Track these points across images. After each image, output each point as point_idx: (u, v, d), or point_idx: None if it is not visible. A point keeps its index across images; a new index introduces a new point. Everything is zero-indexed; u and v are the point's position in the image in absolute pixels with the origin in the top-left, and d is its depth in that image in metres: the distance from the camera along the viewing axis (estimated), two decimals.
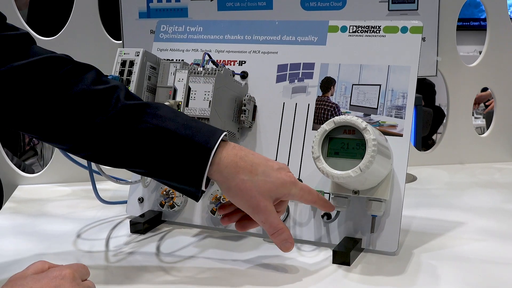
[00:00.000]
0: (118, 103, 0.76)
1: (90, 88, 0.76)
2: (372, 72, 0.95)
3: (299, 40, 1.01)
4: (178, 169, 0.76)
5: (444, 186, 1.33)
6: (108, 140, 0.76)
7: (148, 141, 0.76)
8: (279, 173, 0.79)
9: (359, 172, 0.78)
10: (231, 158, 0.77)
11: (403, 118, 0.91)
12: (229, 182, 0.77)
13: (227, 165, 0.76)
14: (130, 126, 0.76)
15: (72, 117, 0.76)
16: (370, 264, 0.84)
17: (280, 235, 0.79)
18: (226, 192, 0.79)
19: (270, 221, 0.78)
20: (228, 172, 0.76)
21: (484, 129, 4.01)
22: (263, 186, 0.77)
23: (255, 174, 0.77)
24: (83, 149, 0.79)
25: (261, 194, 0.77)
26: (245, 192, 0.77)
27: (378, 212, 0.85)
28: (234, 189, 0.77)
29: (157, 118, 0.76)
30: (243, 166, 0.77)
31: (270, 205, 0.78)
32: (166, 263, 0.87)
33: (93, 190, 1.00)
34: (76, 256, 0.91)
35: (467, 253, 0.88)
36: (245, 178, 0.77)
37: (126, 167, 0.80)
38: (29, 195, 1.32)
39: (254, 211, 0.78)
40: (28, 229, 1.06)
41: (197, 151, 0.76)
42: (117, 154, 0.77)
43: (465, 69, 1.47)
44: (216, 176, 0.77)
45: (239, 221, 0.84)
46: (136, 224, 1.00)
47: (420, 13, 1.34)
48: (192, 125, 0.78)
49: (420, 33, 0.93)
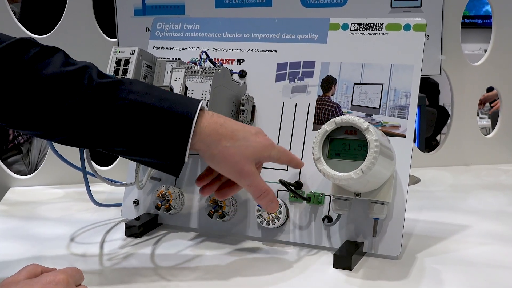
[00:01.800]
0: (92, 82, 0.76)
1: (61, 70, 0.76)
2: (374, 71, 0.95)
3: (299, 38, 1.01)
4: (159, 143, 0.77)
5: (448, 188, 1.33)
6: (84, 120, 0.76)
7: (126, 118, 0.76)
8: (258, 137, 0.83)
9: (361, 174, 0.78)
10: (212, 126, 0.79)
11: (406, 118, 0.91)
12: (212, 150, 0.79)
13: (209, 134, 0.78)
14: (106, 104, 0.76)
15: (45, 101, 0.75)
16: (372, 268, 0.84)
17: (266, 197, 0.83)
18: (209, 160, 0.80)
19: (256, 184, 0.82)
20: (210, 140, 0.78)
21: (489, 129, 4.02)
22: (246, 151, 0.80)
23: (237, 139, 0.80)
24: (59, 133, 0.78)
25: (244, 158, 0.80)
26: (229, 158, 0.79)
27: (380, 215, 0.86)
28: (218, 156, 0.79)
29: (133, 94, 0.77)
30: (224, 133, 0.79)
31: (254, 168, 0.81)
32: (162, 267, 0.87)
33: (87, 192, 1.00)
34: (70, 260, 0.91)
35: (472, 257, 0.88)
36: (228, 144, 0.79)
37: (105, 147, 0.80)
38: (21, 197, 1.32)
39: (240, 176, 0.81)
40: (21, 233, 1.06)
41: (177, 122, 0.77)
42: (95, 134, 0.77)
43: (470, 68, 1.47)
44: (199, 146, 0.78)
45: (218, 190, 0.87)
46: (131, 227, 1.00)
47: (424, 10, 1.34)
48: (169, 97, 0.79)
49: (424, 30, 0.94)
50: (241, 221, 0.98)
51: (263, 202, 0.84)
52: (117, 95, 0.76)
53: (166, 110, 0.77)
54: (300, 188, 0.95)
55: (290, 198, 0.95)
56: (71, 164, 1.05)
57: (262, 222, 0.94)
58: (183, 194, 1.02)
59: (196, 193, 1.02)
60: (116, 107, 0.76)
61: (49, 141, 1.04)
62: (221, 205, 0.96)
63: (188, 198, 1.02)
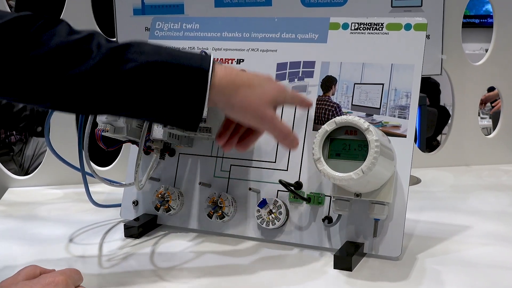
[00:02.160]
0: (100, 48, 0.76)
1: (68, 39, 0.75)
2: (374, 70, 0.95)
3: (299, 37, 1.01)
4: (177, 100, 0.77)
5: (449, 188, 1.33)
6: (98, 87, 0.75)
7: (141, 79, 0.76)
8: (271, 82, 0.86)
9: (361, 174, 0.78)
10: (228, 77, 0.80)
11: (406, 118, 0.91)
12: (232, 100, 0.80)
13: (226, 85, 0.79)
14: (119, 68, 0.75)
15: (54, 71, 0.75)
16: (372, 269, 0.84)
17: (289, 137, 0.85)
18: (229, 110, 0.82)
19: (278, 126, 0.84)
20: (229, 91, 0.80)
21: (490, 129, 4.02)
22: (264, 96, 0.82)
23: (253, 87, 0.82)
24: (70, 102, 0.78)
25: (263, 104, 0.82)
26: (249, 106, 0.81)
27: (381, 215, 0.86)
28: (238, 105, 0.81)
29: (144, 54, 0.77)
30: (240, 82, 0.81)
31: (273, 112, 0.84)
32: (161, 268, 0.87)
33: (86, 192, 1.00)
34: (69, 261, 0.91)
35: (473, 258, 0.88)
36: (246, 92, 0.81)
37: (120, 111, 0.80)
38: (20, 198, 1.32)
39: (262, 121, 0.83)
40: (19, 233, 1.06)
41: (194, 77, 0.77)
42: (108, 99, 0.77)
43: (471, 68, 1.47)
44: (218, 97, 0.79)
45: (238, 142, 0.88)
46: (131, 228, 1.00)
47: (424, 10, 1.34)
48: (180, 54, 0.80)
49: (425, 30, 0.94)
50: (240, 221, 0.98)
51: (286, 143, 0.86)
52: (128, 57, 0.76)
53: (180, 65, 0.77)
54: (300, 188, 0.95)
55: (290, 198, 0.95)
56: (70, 164, 1.05)
57: (262, 222, 0.94)
58: (183, 194, 1.02)
59: (196, 194, 1.02)
60: (129, 70, 0.76)
61: (48, 141, 1.04)
62: (221, 206, 0.96)
63: (187, 198, 1.02)
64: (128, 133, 0.96)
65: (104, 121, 0.95)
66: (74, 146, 0.94)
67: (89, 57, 0.75)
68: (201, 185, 1.01)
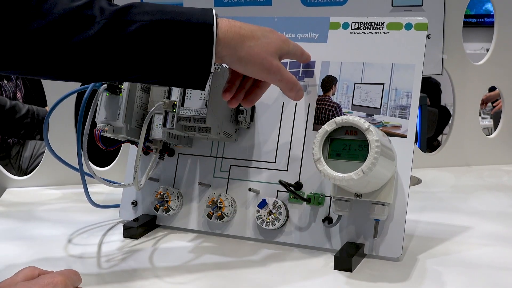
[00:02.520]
0: (104, 11, 0.76)
1: (71, 6, 0.76)
2: (375, 70, 0.95)
3: (299, 37, 1.01)
4: (184, 57, 0.78)
5: (450, 189, 1.33)
6: (105, 51, 0.76)
7: (146, 39, 0.76)
8: (275, 34, 0.87)
9: (362, 175, 0.78)
10: (233, 30, 0.81)
11: (407, 118, 0.91)
12: (238, 52, 0.81)
13: (232, 38, 0.80)
14: (124, 30, 0.76)
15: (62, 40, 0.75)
16: (373, 270, 0.84)
17: (296, 87, 0.88)
18: (236, 63, 0.83)
19: (285, 77, 0.86)
20: (234, 44, 0.80)
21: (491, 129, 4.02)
22: (269, 47, 0.84)
23: (258, 38, 0.83)
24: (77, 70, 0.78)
25: (270, 54, 0.83)
26: (256, 57, 0.82)
27: (381, 216, 0.86)
28: (245, 57, 0.82)
29: (147, 14, 0.77)
30: (245, 34, 0.82)
31: (279, 63, 0.85)
32: (160, 269, 0.87)
33: (84, 193, 1.00)
34: (67, 261, 0.91)
35: (474, 258, 0.88)
36: (251, 44, 0.82)
37: (127, 75, 0.80)
38: (18, 198, 1.32)
39: (269, 72, 0.84)
40: (17, 234, 1.06)
41: (199, 32, 0.77)
42: (116, 63, 0.77)
43: (472, 68, 1.47)
44: (225, 51, 0.80)
45: (244, 98, 0.90)
46: (130, 229, 1.00)
47: (425, 9, 1.34)
48: (183, 10, 0.80)
49: (425, 29, 0.94)
50: (240, 222, 0.98)
51: (293, 94, 0.88)
52: (132, 19, 0.76)
53: (185, 22, 0.77)
54: (300, 189, 0.95)
55: (290, 199, 0.95)
56: (68, 164, 1.05)
57: (261, 223, 0.94)
58: (182, 195, 1.02)
59: (195, 194, 1.02)
60: (134, 30, 0.76)
61: (46, 141, 1.04)
62: (220, 206, 0.96)
63: (187, 199, 1.02)
64: (127, 133, 0.96)
65: (103, 121, 0.95)
66: (73, 146, 0.94)
67: (93, 22, 0.75)
68: (201, 186, 1.01)
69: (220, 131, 0.95)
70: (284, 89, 0.88)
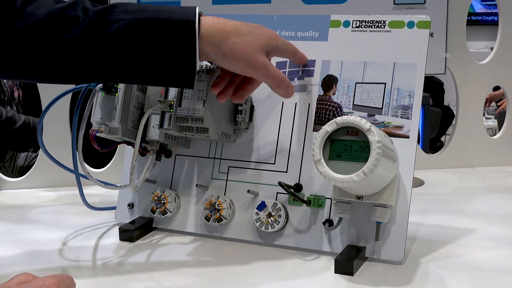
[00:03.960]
0: (87, 12, 0.78)
1: (54, 8, 0.77)
2: (376, 69, 0.95)
3: (299, 35, 1.01)
4: (168, 56, 0.79)
5: (453, 191, 1.33)
6: (89, 51, 0.77)
7: (130, 38, 0.77)
8: (262, 29, 0.87)
9: (363, 176, 0.78)
10: (216, 26, 0.81)
11: (409, 118, 0.91)
12: (223, 49, 0.82)
13: (215, 34, 0.81)
14: (107, 29, 0.77)
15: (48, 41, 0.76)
16: (374, 274, 0.85)
17: (284, 84, 0.88)
18: (221, 59, 0.83)
19: (272, 73, 0.86)
20: (218, 40, 0.81)
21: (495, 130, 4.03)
22: (255, 43, 0.84)
23: (243, 34, 0.83)
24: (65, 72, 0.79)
25: (255, 50, 0.83)
26: (240, 53, 0.82)
27: (383, 218, 0.86)
28: (230, 53, 0.82)
29: (129, 13, 0.78)
30: (229, 30, 0.82)
31: (266, 59, 0.85)
32: (157, 272, 0.87)
33: (80, 195, 1.00)
34: (62, 265, 0.91)
35: (477, 262, 0.89)
36: (236, 40, 0.82)
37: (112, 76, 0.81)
38: (12, 200, 1.32)
39: (255, 68, 0.84)
40: (11, 237, 1.06)
41: (181, 29, 0.78)
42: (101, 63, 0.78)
43: (475, 67, 1.47)
44: (208, 48, 0.81)
45: (234, 93, 0.90)
46: (126, 232, 1.00)
47: (428, 7, 1.34)
48: (165, 9, 0.81)
49: (428, 28, 0.94)
50: (239, 225, 0.98)
51: (281, 91, 0.89)
52: (115, 18, 0.78)
53: (167, 20, 0.78)
54: (300, 190, 0.95)
55: (290, 201, 0.95)
56: (63, 166, 1.05)
57: (260, 226, 0.94)
58: (179, 197, 1.02)
59: (193, 196, 1.02)
60: (117, 29, 0.77)
61: (41, 142, 1.04)
62: (219, 208, 0.96)
63: (184, 201, 1.02)
64: (123, 134, 0.96)
65: (98, 121, 0.95)
66: (68, 147, 0.94)
67: (76, 23, 0.76)
68: (198, 187, 1.01)
69: (218, 132, 0.95)
70: (272, 86, 0.88)
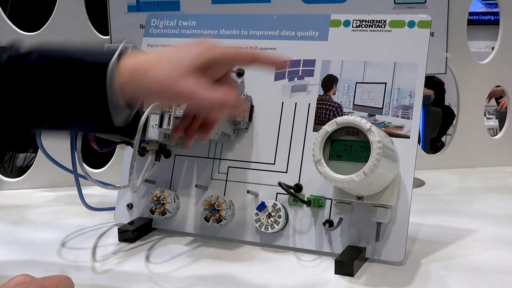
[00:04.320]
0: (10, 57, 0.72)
1: None
2: (377, 69, 0.95)
3: (299, 35, 1.01)
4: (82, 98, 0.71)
5: (454, 191, 1.33)
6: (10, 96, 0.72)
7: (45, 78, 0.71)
8: (191, 47, 0.75)
9: (363, 177, 0.78)
10: (136, 63, 0.72)
11: (410, 118, 0.91)
12: (143, 86, 0.72)
13: (132, 71, 0.71)
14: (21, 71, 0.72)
15: None
16: (375, 274, 0.84)
17: (226, 105, 0.74)
18: (146, 97, 0.78)
19: (202, 98, 0.72)
20: (138, 77, 0.71)
21: (496, 130, 4.02)
22: (176, 69, 0.72)
23: (162, 62, 0.72)
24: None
25: (177, 79, 0.71)
26: (160, 88, 0.72)
27: (383, 219, 0.86)
28: (151, 91, 0.72)
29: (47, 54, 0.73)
30: (149, 63, 0.72)
31: (193, 82, 0.72)
32: (157, 273, 0.87)
33: (78, 195, 1.00)
34: (61, 266, 0.91)
35: (478, 263, 0.88)
36: (154, 73, 0.71)
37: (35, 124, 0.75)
38: (10, 200, 1.32)
39: (183, 100, 0.77)
40: (9, 237, 1.05)
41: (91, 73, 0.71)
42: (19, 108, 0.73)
43: (476, 66, 1.47)
44: (129, 88, 0.71)
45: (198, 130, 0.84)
46: (125, 232, 1.00)
47: (429, 6, 1.34)
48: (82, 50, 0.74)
49: (429, 27, 0.94)
50: (238, 225, 0.98)
51: (221, 114, 0.82)
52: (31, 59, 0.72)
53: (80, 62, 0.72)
54: (300, 191, 0.95)
55: (290, 201, 0.95)
56: (62, 166, 1.05)
57: (260, 226, 0.94)
58: (179, 197, 1.02)
59: (192, 197, 1.02)
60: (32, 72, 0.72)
61: (39, 142, 1.04)
62: (218, 209, 0.96)
63: (183, 201, 1.02)
64: (122, 133, 0.96)
65: None
66: (67, 147, 0.94)
67: None
68: (198, 188, 1.01)
69: (218, 132, 0.95)
70: (214, 111, 0.81)
